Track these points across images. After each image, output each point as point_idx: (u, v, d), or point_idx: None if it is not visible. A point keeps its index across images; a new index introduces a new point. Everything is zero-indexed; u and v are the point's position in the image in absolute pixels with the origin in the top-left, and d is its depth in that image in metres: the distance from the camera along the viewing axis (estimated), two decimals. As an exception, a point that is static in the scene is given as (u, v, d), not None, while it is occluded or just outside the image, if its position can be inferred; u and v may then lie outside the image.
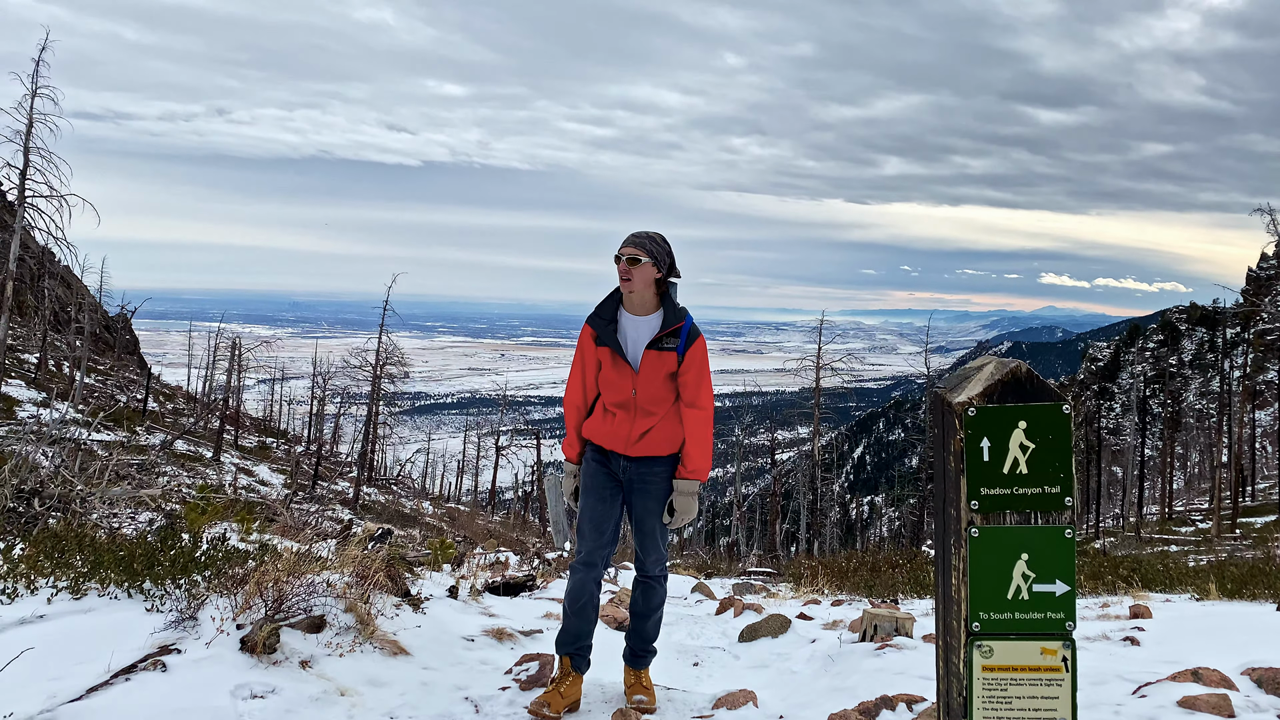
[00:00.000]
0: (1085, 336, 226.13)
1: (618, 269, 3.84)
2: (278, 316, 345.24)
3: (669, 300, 3.94)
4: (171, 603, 4.38)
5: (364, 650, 4.47)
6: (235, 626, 4.18)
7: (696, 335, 3.93)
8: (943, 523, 1.92)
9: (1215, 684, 4.04)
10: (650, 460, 4.00)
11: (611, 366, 3.93)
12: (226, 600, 4.37)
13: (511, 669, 4.67)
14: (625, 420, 3.95)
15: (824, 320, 38.62)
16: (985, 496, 1.86)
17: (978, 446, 1.83)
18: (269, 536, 10.78)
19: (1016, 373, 1.81)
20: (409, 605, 5.31)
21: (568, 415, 4.21)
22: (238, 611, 4.27)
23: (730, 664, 5.93)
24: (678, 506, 4.00)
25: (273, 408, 49.56)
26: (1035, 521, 1.85)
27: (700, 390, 3.94)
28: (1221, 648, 5.09)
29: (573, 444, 4.20)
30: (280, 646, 4.15)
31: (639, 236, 3.88)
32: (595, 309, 4.02)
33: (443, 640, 5.02)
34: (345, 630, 4.54)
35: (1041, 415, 1.84)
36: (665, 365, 3.88)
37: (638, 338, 3.91)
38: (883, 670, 4.90)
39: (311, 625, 4.42)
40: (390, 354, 33.86)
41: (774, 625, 6.48)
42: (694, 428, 3.95)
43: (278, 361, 45.82)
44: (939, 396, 1.91)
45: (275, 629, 4.19)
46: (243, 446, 33.03)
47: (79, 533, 5.70)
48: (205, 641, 4.02)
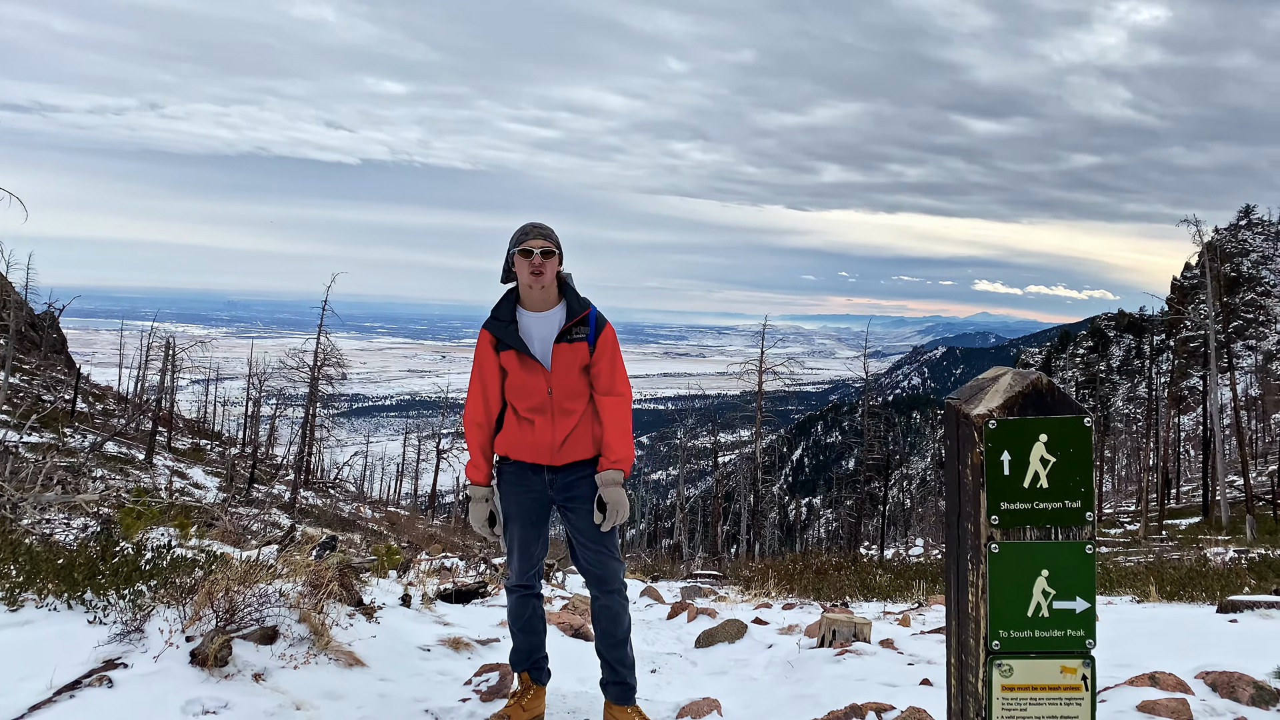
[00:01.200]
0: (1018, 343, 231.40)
1: (525, 263, 3.59)
2: (212, 316, 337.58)
3: (570, 290, 3.76)
4: (116, 614, 4.20)
5: (319, 662, 4.33)
6: (184, 639, 4.03)
7: (605, 322, 3.77)
8: (957, 537, 1.88)
9: (1172, 688, 4.10)
10: (578, 466, 3.76)
11: (520, 369, 3.68)
12: (175, 611, 4.20)
13: (471, 679, 4.58)
14: (545, 425, 3.69)
15: (766, 325, 38.91)
16: (1005, 511, 1.82)
17: (998, 460, 1.78)
18: (209, 542, 10.47)
19: (1038, 384, 1.77)
20: (362, 614, 5.18)
21: (470, 435, 3.87)
22: (187, 623, 4.11)
23: (688, 671, 5.88)
24: (608, 500, 3.69)
25: (207, 409, 48.38)
26: (1055, 537, 1.81)
27: (615, 376, 3.77)
28: (1171, 651, 5.18)
29: (479, 465, 3.86)
30: (232, 659, 4.00)
31: (542, 227, 3.68)
32: (491, 313, 3.78)
33: (399, 650, 4.90)
34: (299, 641, 4.40)
35: (1063, 428, 1.80)
36: (578, 357, 3.68)
37: (544, 334, 3.69)
38: (845, 677, 4.89)
39: (264, 636, 4.27)
40: (328, 355, 33.27)
41: (730, 631, 6.46)
42: (613, 414, 3.73)
43: (212, 362, 44.73)
44: (954, 408, 1.87)
45: (227, 641, 4.04)
46: (176, 449, 32.19)
47: (12, 540, 5.45)
48: (153, 655, 3.86)
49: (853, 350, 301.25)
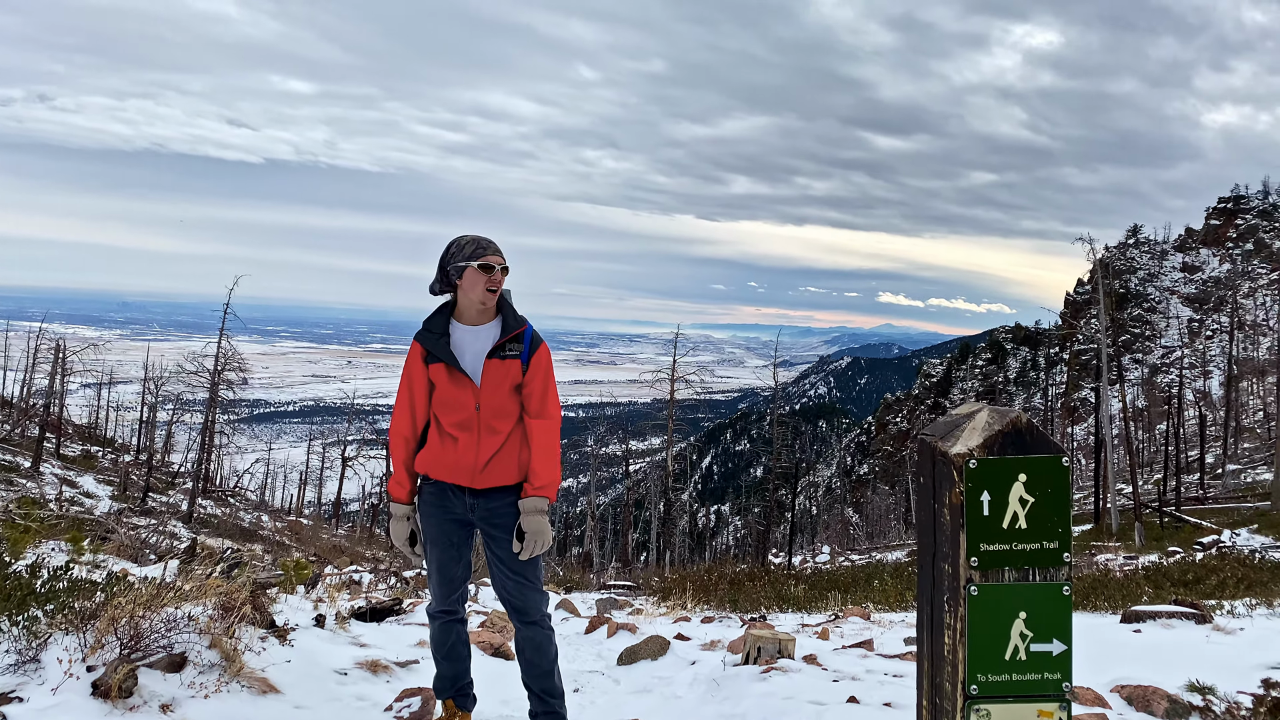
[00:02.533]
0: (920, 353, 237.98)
1: (484, 279, 3.50)
2: (106, 317, 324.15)
3: (508, 306, 3.66)
4: (10, 642, 3.92)
5: (231, 690, 4.12)
6: (86, 668, 3.78)
7: (540, 342, 3.66)
8: (932, 578, 1.85)
9: (1090, 703, 4.19)
10: (501, 492, 3.61)
11: (449, 382, 3.55)
12: (74, 639, 3.94)
13: (392, 705, 4.42)
14: (469, 444, 3.55)
15: (678, 334, 39.11)
16: (985, 553, 1.79)
17: (978, 500, 1.76)
18: (105, 558, 9.97)
19: (1017, 423, 1.76)
20: (275, 637, 4.95)
21: (395, 449, 3.71)
22: (88, 651, 3.86)
23: (611, 689, 5.80)
24: (528, 529, 3.54)
25: (99, 414, 46.29)
26: (1033, 578, 1.79)
27: (547, 398, 3.64)
28: (1083, 662, 5.30)
29: (402, 482, 3.71)
30: (138, 689, 3.77)
31: (493, 242, 3.60)
32: (424, 324, 3.65)
33: (314, 675, 4.70)
34: (209, 668, 4.18)
35: (1041, 468, 1.79)
36: (509, 375, 3.55)
37: (477, 348, 3.57)
38: (771, 695, 4.87)
39: (172, 664, 4.04)
40: (230, 359, 32.17)
41: (653, 647, 6.40)
42: (542, 438, 3.60)
43: (105, 365, 42.79)
44: (929, 445, 1.84)
45: (132, 670, 3.80)
46: (65, 456, 30.70)
47: (-111, 561, 5.06)
48: (51, 687, 3.61)
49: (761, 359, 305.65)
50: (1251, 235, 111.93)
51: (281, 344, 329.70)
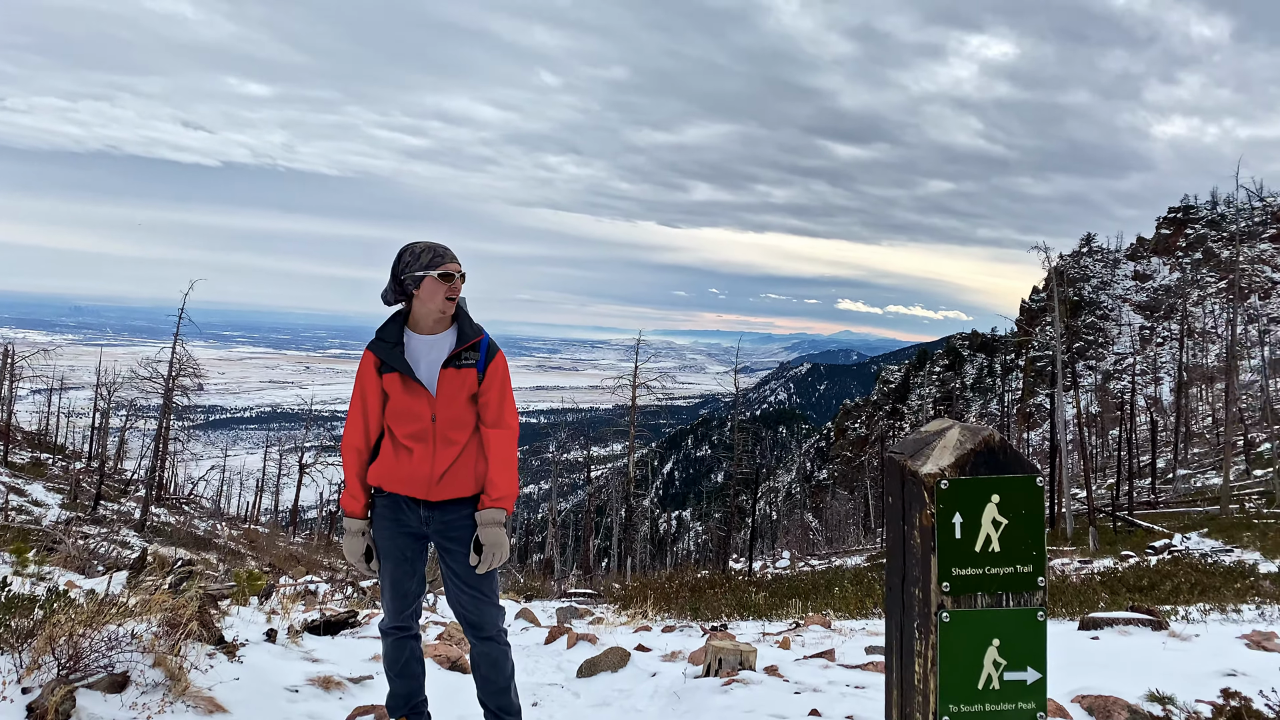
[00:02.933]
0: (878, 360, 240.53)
1: (443, 288, 3.44)
2: (57, 321, 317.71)
3: (464, 314, 3.59)
4: (-61, 664, 3.75)
5: (175, 710, 3.97)
6: (21, 690, 3.63)
7: (496, 350, 3.60)
8: (902, 603, 1.77)
9: (1052, 713, 4.18)
10: (457, 504, 3.52)
11: (403, 392, 3.46)
12: (9, 659, 3.78)
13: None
14: (424, 456, 3.46)
15: (640, 340, 39.12)
16: (957, 577, 1.73)
17: (949, 523, 1.69)
18: (50, 570, 9.69)
19: (990, 442, 1.69)
20: (224, 653, 4.81)
21: (347, 461, 3.61)
22: (24, 672, 3.71)
23: (571, 703, 5.70)
24: (485, 540, 3.46)
25: (49, 420, 45.25)
26: (1006, 603, 1.73)
27: (504, 408, 3.56)
28: (1043, 671, 5.32)
29: (356, 495, 3.60)
30: (76, 712, 3.62)
31: (450, 250, 3.53)
32: (377, 333, 3.56)
33: (264, 693, 4.56)
34: (153, 688, 4.03)
35: (1015, 488, 1.73)
36: (465, 384, 3.49)
37: (432, 358, 3.49)
38: (732, 708, 4.81)
39: (113, 684, 3.89)
40: (184, 364, 31.59)
41: (613, 659, 6.31)
42: (499, 449, 3.53)
43: (56, 370, 41.85)
44: (898, 464, 1.78)
45: (70, 691, 3.65)
46: (13, 463, 29.96)
47: None
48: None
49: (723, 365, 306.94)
50: (1200, 244, 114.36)
51: (238, 349, 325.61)
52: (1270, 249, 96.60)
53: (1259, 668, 5.65)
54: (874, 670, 5.81)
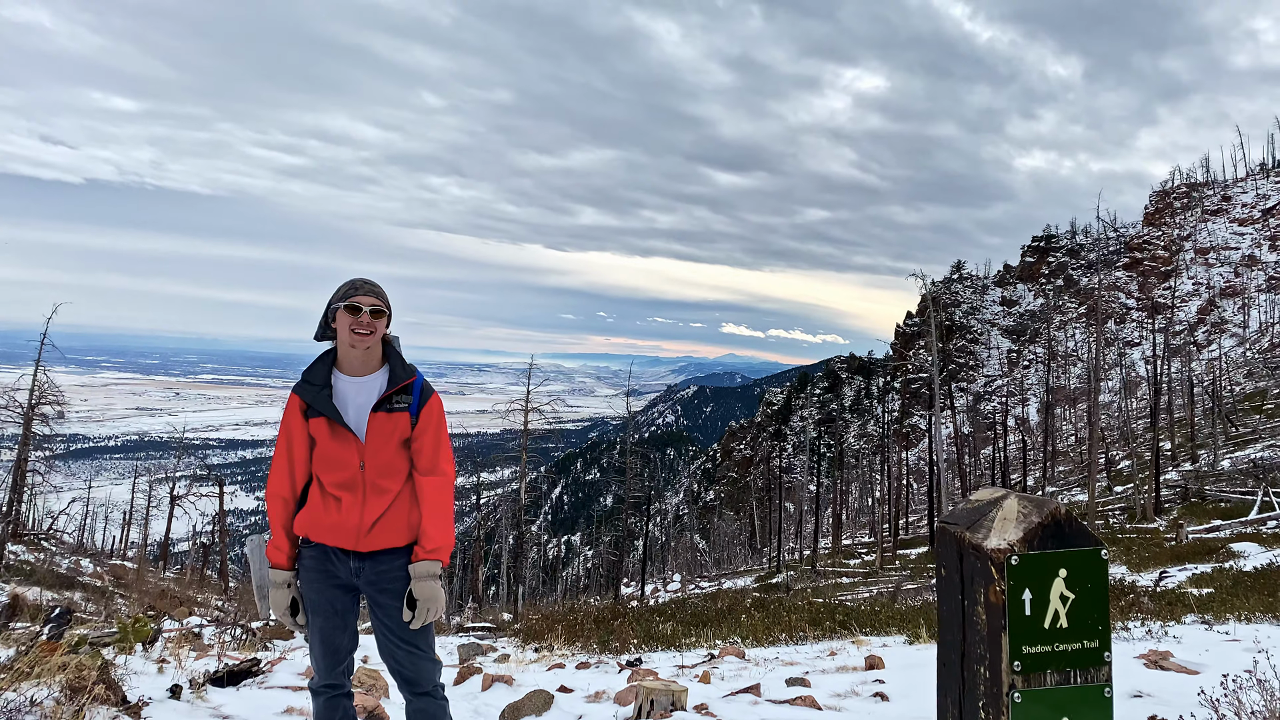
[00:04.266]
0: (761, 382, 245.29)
1: (350, 321, 3.25)
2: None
3: (396, 355, 3.42)
4: None
5: (83, 786, 3.65)
6: (-94, 775, 3.26)
7: (431, 392, 3.42)
8: (961, 679, 1.72)
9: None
10: (388, 555, 3.34)
11: (330, 438, 3.28)
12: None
13: (268, 789, 4.02)
14: (353, 505, 3.28)
15: (532, 364, 38.86)
16: (1028, 656, 1.69)
17: (1019, 599, 1.64)
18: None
19: (1057, 515, 1.66)
20: (128, 715, 4.46)
21: (273, 510, 3.41)
22: (-91, 754, 3.34)
23: (498, 751, 5.51)
24: (419, 595, 3.29)
25: (-111, 453, 41.88)
26: (1074, 680, 1.69)
27: (439, 454, 3.39)
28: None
29: (281, 546, 3.39)
30: (-28, 796, 3.28)
31: (372, 284, 3.35)
32: (303, 375, 3.37)
33: (176, 759, 4.24)
34: (57, 762, 3.69)
35: (1082, 562, 1.70)
36: (397, 429, 3.31)
37: (361, 401, 3.30)
38: (673, 752, 4.73)
39: (13, 761, 3.55)
40: (45, 392, 29.72)
41: (537, 703, 6.12)
42: (433, 497, 3.35)
43: (-105, 398, 38.77)
44: (954, 536, 1.73)
45: (-36, 773, 3.31)
46: None
47: None
48: None
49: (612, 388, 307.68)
50: (1062, 272, 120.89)
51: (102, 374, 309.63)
52: (1124, 276, 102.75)
53: (1161, 687, 5.87)
54: (802, 705, 5.81)
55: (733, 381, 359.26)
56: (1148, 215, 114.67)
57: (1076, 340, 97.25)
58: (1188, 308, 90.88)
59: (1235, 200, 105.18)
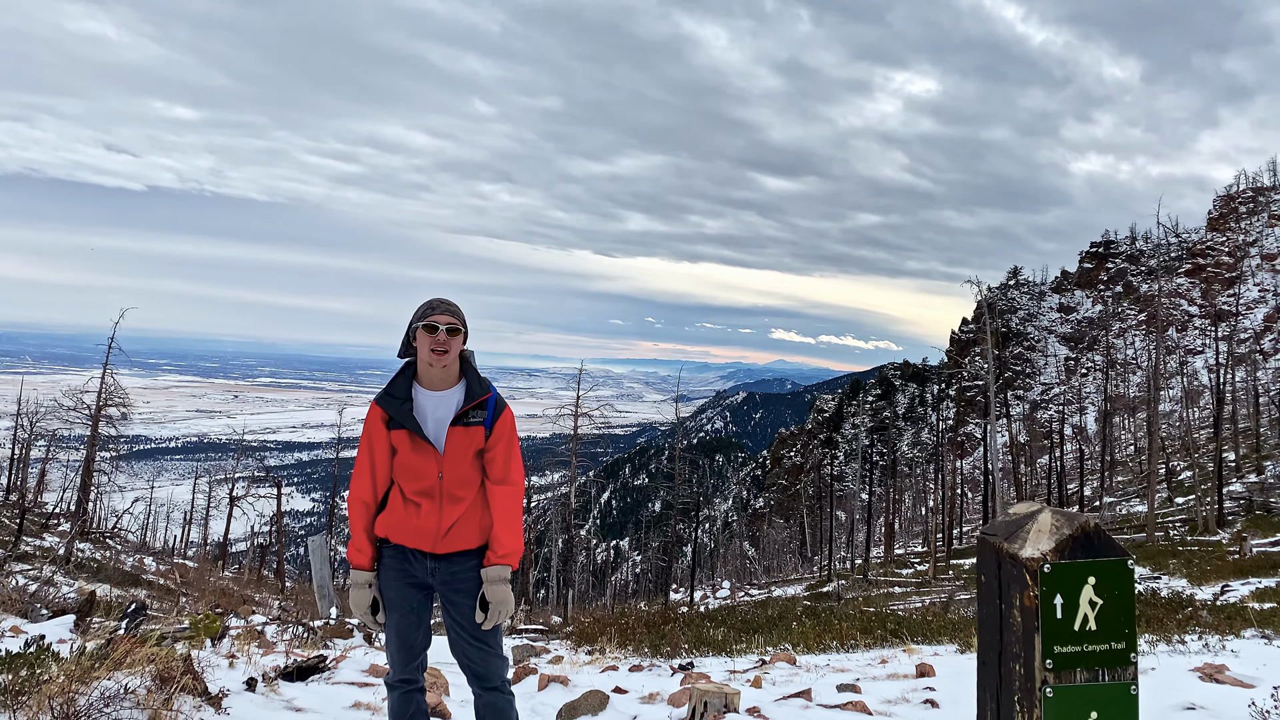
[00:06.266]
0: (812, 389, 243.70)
1: (429, 340, 3.46)
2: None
3: (472, 371, 3.63)
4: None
5: (174, 768, 3.91)
6: (19, 753, 3.54)
7: (504, 406, 3.63)
8: (999, 676, 1.90)
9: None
10: (462, 556, 3.56)
11: (411, 450, 3.49)
12: (4, 717, 3.69)
13: (342, 777, 4.25)
14: (431, 510, 3.50)
15: (581, 369, 39.18)
16: (1059, 655, 1.86)
17: (1051, 604, 1.82)
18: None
19: (1086, 528, 1.83)
20: (209, 705, 4.73)
21: (355, 514, 3.62)
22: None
23: (560, 749, 5.70)
24: (491, 598, 3.51)
25: (-36, 453, 43.49)
26: (1102, 678, 1.86)
27: (510, 464, 3.61)
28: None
29: (363, 548, 3.60)
30: (77, 774, 3.54)
31: (449, 304, 3.56)
32: (386, 387, 3.58)
33: (256, 746, 4.50)
34: (150, 745, 3.95)
35: (1109, 571, 1.87)
36: (473, 442, 3.52)
37: (440, 415, 3.52)
38: (726, 752, 4.87)
39: (111, 743, 3.81)
40: (112, 394, 30.69)
41: (593, 702, 6.31)
42: (504, 505, 3.58)
43: (-28, 400, 40.31)
44: (993, 546, 1.90)
45: (70, 752, 3.58)
46: (-74, 498, 28.72)
47: None
48: (-17, 776, 3.36)
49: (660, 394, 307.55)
50: (1121, 278, 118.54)
51: (164, 377, 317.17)
52: (1186, 283, 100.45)
53: (1215, 700, 5.87)
54: (853, 710, 5.92)
55: (782, 388, 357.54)
56: (1211, 220, 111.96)
57: (1136, 348, 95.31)
58: (1253, 315, 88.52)
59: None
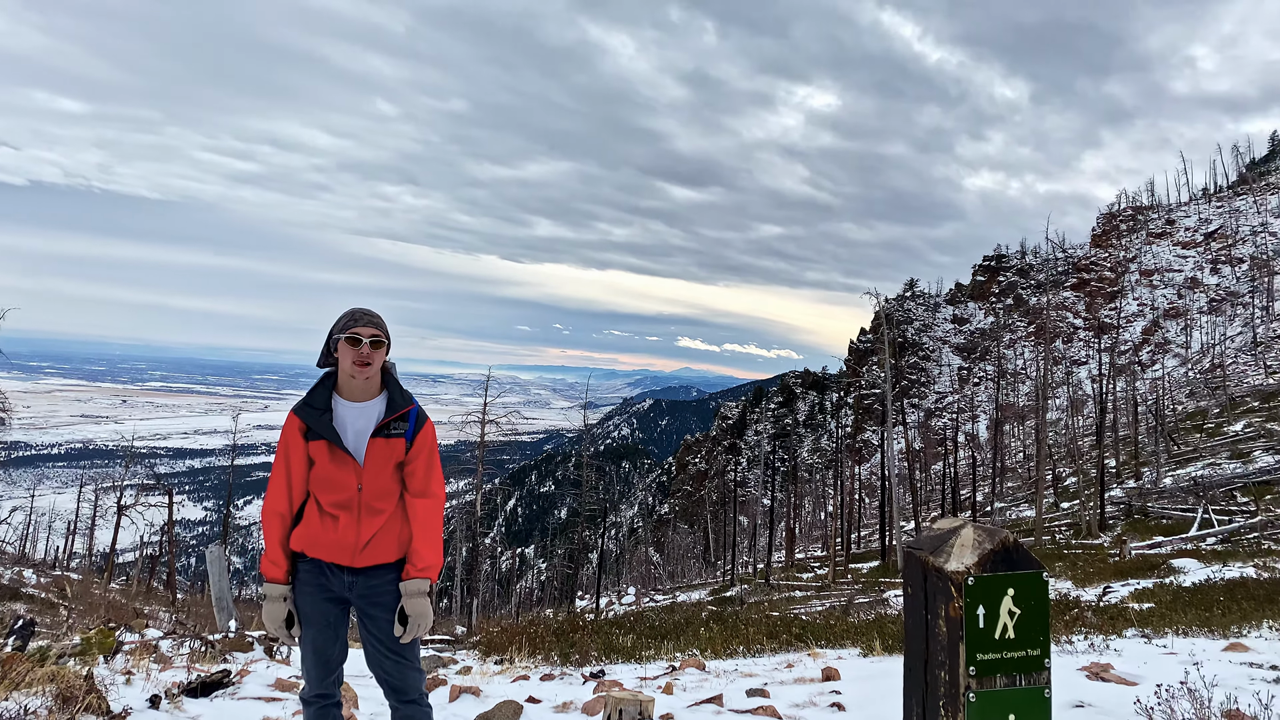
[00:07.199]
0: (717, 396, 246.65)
1: (352, 352, 3.43)
2: None
3: (394, 382, 3.61)
4: None
5: (74, 793, 3.77)
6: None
7: (425, 419, 3.61)
8: (925, 683, 2.00)
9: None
10: (380, 570, 3.52)
11: (329, 461, 3.44)
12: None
13: (253, 796, 4.16)
14: (349, 523, 3.45)
15: (488, 376, 38.86)
16: (981, 662, 1.97)
17: (975, 614, 1.93)
18: None
19: (1006, 543, 1.95)
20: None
21: (269, 526, 3.54)
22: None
23: (475, 761, 5.67)
24: (410, 612, 3.48)
25: None
26: (1020, 683, 1.98)
27: (431, 477, 3.60)
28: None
29: (278, 561, 3.52)
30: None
31: (372, 315, 3.52)
32: (305, 397, 3.53)
33: (160, 767, 4.36)
34: (48, 770, 3.80)
35: (1027, 582, 1.99)
36: (393, 454, 3.49)
37: (360, 426, 3.48)
38: (642, 759, 4.92)
39: (6, 769, 3.66)
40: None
41: (507, 712, 6.29)
42: (424, 519, 3.55)
43: None
44: (919, 559, 2.01)
45: (-38, 780, 3.42)
46: None
47: None
48: None
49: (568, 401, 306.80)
50: (1011, 291, 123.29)
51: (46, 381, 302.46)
52: (1071, 297, 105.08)
53: (1103, 698, 6.18)
54: (764, 715, 6.05)
55: (688, 395, 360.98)
56: (1094, 237, 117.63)
57: (1025, 359, 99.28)
58: (1132, 328, 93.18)
59: (1179, 224, 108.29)
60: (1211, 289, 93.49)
